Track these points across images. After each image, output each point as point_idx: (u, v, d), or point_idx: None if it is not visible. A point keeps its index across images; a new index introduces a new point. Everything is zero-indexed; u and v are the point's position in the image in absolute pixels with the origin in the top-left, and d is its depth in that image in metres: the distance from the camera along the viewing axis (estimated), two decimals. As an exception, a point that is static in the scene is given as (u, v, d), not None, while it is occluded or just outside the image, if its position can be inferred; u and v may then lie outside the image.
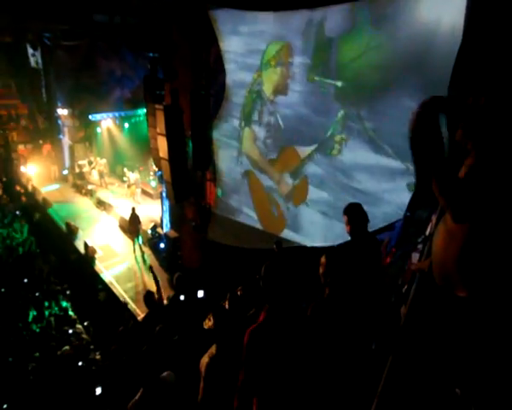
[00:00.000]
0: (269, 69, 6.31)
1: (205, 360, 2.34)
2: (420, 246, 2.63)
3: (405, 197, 4.46)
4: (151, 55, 7.99)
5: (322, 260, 1.99)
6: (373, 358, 1.76)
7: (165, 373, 2.33)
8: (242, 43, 6.72)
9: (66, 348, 6.13)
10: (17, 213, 13.05)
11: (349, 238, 2.43)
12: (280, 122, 6.33)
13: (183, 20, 7.40)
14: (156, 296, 4.14)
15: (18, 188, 15.12)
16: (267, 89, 6.41)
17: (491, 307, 1.09)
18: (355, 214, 2.36)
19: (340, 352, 1.73)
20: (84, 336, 7.03)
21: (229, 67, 7.15)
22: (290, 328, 1.62)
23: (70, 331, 7.11)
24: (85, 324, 7.81)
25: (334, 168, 5.57)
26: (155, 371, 2.26)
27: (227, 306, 3.65)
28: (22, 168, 15.45)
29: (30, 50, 14.48)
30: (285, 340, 1.59)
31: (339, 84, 5.29)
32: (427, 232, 2.48)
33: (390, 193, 4.92)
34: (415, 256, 2.69)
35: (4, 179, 15.67)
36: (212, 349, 2.36)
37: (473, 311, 1.12)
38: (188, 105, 7.45)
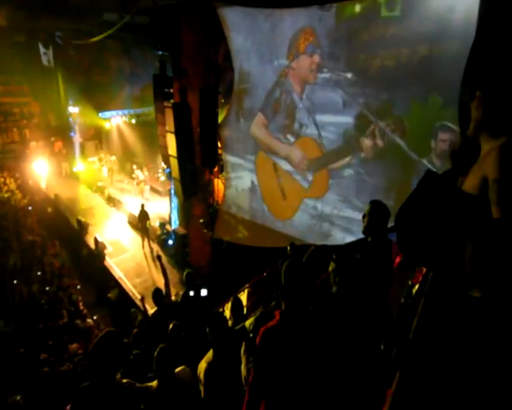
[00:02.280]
0: (290, 62, 6.22)
1: (202, 365, 2.33)
2: None
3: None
4: (160, 53, 8.05)
5: (333, 258, 1.97)
6: (382, 359, 1.75)
7: (179, 368, 2.33)
8: (251, 41, 6.72)
9: (74, 346, 6.29)
10: (29, 208, 13.37)
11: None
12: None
13: (192, 18, 7.44)
14: (164, 290, 4.19)
15: (30, 183, 15.47)
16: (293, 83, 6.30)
17: (507, 307, 1.08)
18: (376, 212, 2.21)
19: (347, 352, 1.71)
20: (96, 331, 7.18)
21: (238, 64, 7.16)
22: (304, 330, 1.59)
23: (81, 325, 7.27)
24: (95, 318, 7.99)
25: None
26: (171, 367, 2.26)
27: (228, 310, 3.65)
28: (35, 164, 15.78)
29: (42, 49, 14.74)
30: (299, 342, 1.56)
31: (349, 75, 5.24)
32: None
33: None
34: None
35: (17, 175, 16.07)
36: (209, 354, 2.35)
37: (487, 311, 1.10)
38: (196, 103, 7.50)
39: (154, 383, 2.20)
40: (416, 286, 2.47)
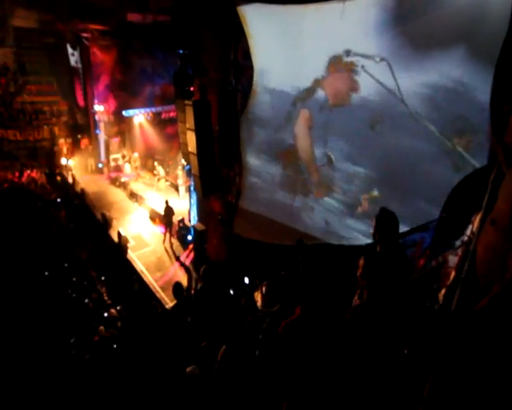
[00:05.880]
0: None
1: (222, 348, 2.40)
2: (459, 250, 2.49)
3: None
4: (181, 51, 8.20)
5: (361, 262, 1.94)
6: (405, 363, 1.72)
7: (190, 367, 2.41)
8: (272, 39, 6.70)
9: (101, 328, 6.59)
10: (58, 200, 14.08)
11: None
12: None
13: (212, 16, 7.52)
14: (185, 286, 4.31)
15: (59, 179, 16.26)
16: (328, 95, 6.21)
17: None
18: (385, 223, 2.17)
19: (374, 356, 1.70)
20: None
21: (258, 63, 7.18)
22: (325, 326, 1.60)
23: (105, 315, 7.62)
24: (118, 308, 8.33)
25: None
26: (182, 365, 2.35)
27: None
28: (63, 160, 16.56)
29: (70, 50, 15.37)
30: (319, 338, 1.57)
31: (377, 59, 5.11)
32: (467, 235, 2.35)
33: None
34: (452, 260, 2.56)
35: (47, 171, 16.92)
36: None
37: None
38: (216, 101, 7.60)
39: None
40: (443, 290, 2.38)
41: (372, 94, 5.35)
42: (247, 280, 4.22)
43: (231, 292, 4.26)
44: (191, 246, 9.79)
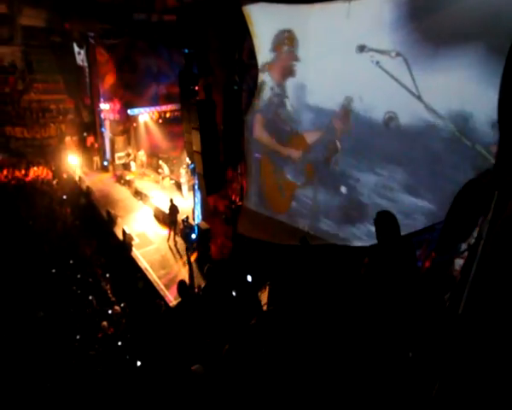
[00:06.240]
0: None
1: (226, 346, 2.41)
2: (465, 252, 2.45)
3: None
4: (186, 51, 8.23)
5: (365, 261, 1.96)
6: (410, 366, 1.70)
7: (195, 366, 2.42)
8: (277, 39, 6.69)
9: (104, 323, 6.67)
10: (64, 197, 14.24)
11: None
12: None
13: (217, 16, 7.53)
14: (188, 282, 4.35)
15: (65, 176, 16.42)
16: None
17: None
18: (383, 224, 2.19)
19: (378, 357, 1.69)
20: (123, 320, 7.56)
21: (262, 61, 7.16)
22: (329, 327, 1.60)
23: (109, 312, 7.70)
24: (122, 305, 8.41)
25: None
26: (187, 364, 2.35)
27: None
28: (69, 158, 16.72)
29: (76, 49, 15.50)
30: (324, 340, 1.58)
31: (393, 54, 5.03)
32: (474, 237, 2.32)
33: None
34: (458, 263, 2.53)
35: (54, 168, 17.10)
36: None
37: None
38: (221, 100, 7.61)
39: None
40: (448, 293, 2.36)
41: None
42: (249, 278, 4.24)
43: (234, 293, 4.27)
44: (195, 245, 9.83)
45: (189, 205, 11.22)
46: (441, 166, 4.87)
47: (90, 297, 8.19)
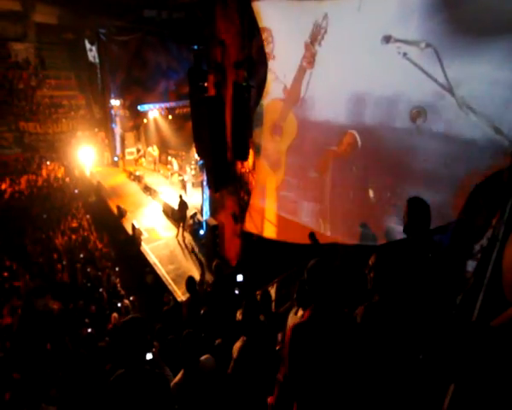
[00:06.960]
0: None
1: (238, 344, 2.49)
2: (478, 254, 2.40)
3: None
4: (195, 47, 8.25)
5: (371, 261, 1.87)
6: (420, 369, 1.70)
7: (204, 357, 2.42)
8: (288, 36, 6.63)
9: (115, 315, 6.80)
10: (76, 191, 14.52)
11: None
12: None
13: (226, 12, 7.51)
14: (198, 279, 4.39)
15: (76, 171, 16.72)
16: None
17: None
18: (417, 209, 2.06)
19: (387, 360, 1.65)
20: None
21: (272, 58, 7.12)
22: (335, 329, 1.56)
23: (119, 305, 7.86)
24: (131, 299, 8.57)
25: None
26: (196, 355, 2.34)
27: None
28: (80, 153, 17.02)
29: (88, 46, 15.69)
30: (330, 341, 1.53)
31: (422, 45, 4.87)
32: (486, 239, 2.26)
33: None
34: (470, 264, 2.49)
35: (66, 163, 17.44)
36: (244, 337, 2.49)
37: None
38: (230, 96, 7.61)
39: (180, 374, 2.28)
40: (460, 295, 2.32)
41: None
42: (240, 278, 4.19)
43: (236, 291, 4.29)
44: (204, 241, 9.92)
45: (192, 202, 11.33)
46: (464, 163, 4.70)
47: (101, 290, 8.37)
